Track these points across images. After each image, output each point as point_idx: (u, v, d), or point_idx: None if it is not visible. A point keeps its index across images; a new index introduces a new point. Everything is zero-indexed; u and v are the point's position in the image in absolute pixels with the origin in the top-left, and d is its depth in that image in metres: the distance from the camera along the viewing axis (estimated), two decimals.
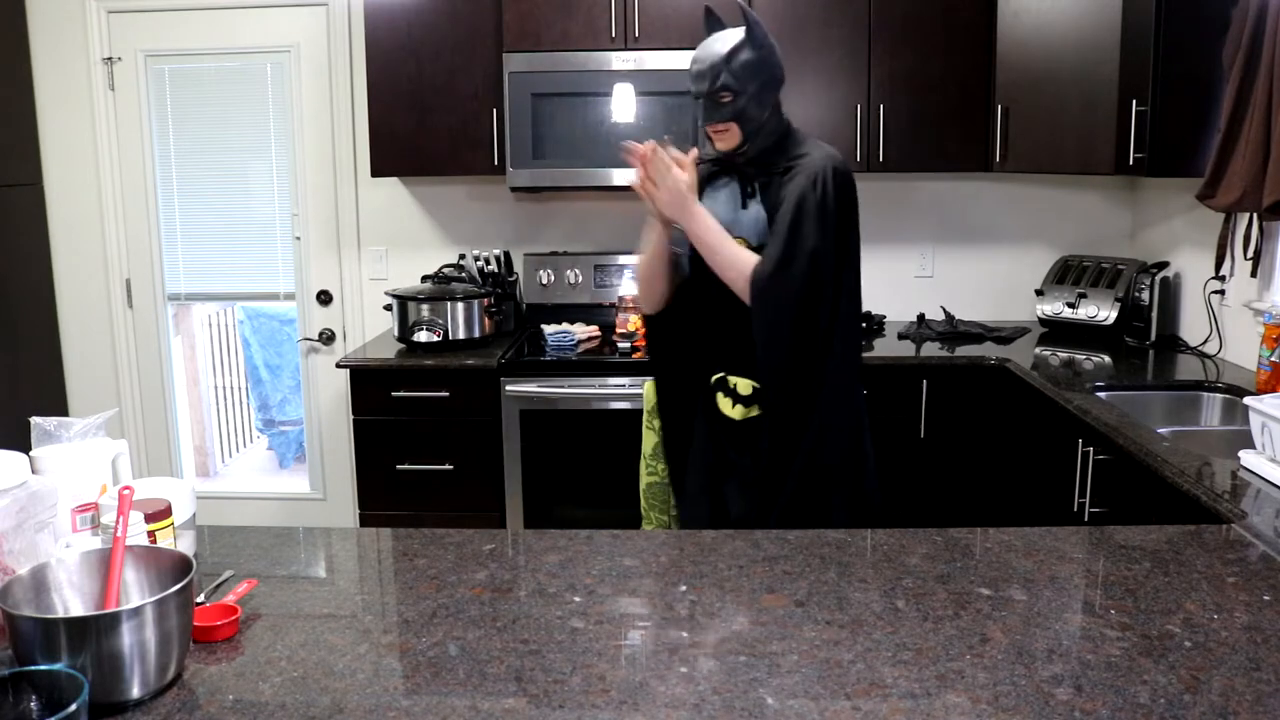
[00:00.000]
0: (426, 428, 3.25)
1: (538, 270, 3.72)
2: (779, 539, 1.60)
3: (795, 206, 1.96)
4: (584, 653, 1.23)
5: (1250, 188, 2.58)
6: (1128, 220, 3.77)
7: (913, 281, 3.85)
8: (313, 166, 3.86)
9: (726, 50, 1.98)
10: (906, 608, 1.34)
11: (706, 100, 1.99)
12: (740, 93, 1.98)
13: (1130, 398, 2.70)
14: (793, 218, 1.96)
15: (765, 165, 2.05)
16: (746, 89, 1.98)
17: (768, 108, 2.03)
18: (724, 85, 1.97)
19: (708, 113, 2.00)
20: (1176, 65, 2.80)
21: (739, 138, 2.02)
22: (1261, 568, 1.46)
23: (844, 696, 1.12)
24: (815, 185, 1.97)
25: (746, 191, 2.07)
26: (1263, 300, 2.83)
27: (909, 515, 3.28)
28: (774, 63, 2.04)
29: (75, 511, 1.39)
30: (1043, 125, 3.23)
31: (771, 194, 2.03)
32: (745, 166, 2.07)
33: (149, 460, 4.10)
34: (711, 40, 2.02)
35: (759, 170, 2.06)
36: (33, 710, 0.99)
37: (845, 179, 2.03)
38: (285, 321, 4.55)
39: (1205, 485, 1.86)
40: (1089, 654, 1.20)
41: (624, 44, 3.31)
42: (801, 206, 1.96)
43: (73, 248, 3.97)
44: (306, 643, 1.26)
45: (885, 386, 3.20)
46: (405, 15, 3.38)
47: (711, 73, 1.97)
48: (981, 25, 3.34)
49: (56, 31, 3.83)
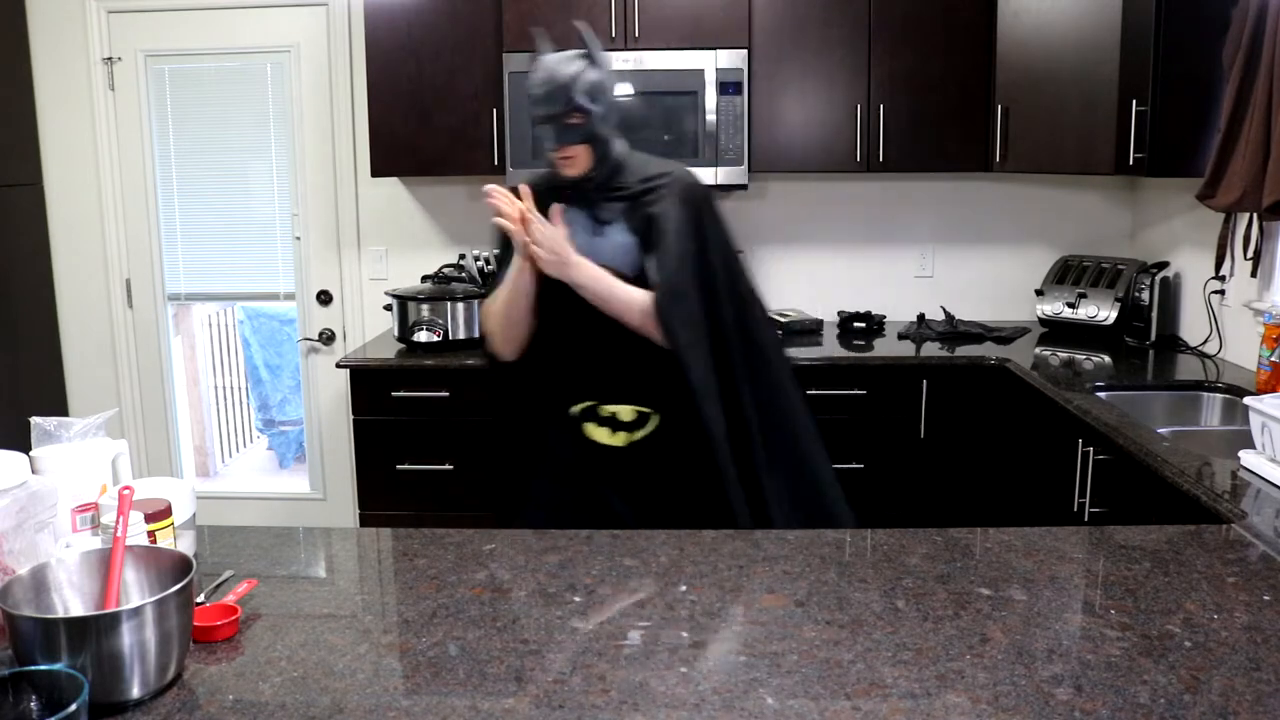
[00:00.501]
0: (426, 428, 3.25)
1: None
2: (779, 539, 1.60)
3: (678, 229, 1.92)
4: (584, 653, 1.23)
5: (1250, 188, 2.58)
6: (1128, 220, 3.77)
7: (913, 281, 3.85)
8: (313, 166, 3.86)
9: (573, 70, 1.88)
10: (906, 608, 1.34)
11: (556, 124, 1.88)
12: (591, 114, 1.89)
13: (1130, 398, 2.70)
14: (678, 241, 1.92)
15: (616, 189, 1.97)
16: (596, 110, 1.90)
17: (614, 129, 1.96)
18: (576, 106, 1.87)
19: (558, 136, 1.89)
20: (1176, 65, 2.80)
21: (589, 161, 1.94)
22: (1261, 568, 1.46)
23: (844, 696, 1.12)
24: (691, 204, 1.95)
25: (600, 218, 1.98)
26: (1263, 300, 2.83)
27: (909, 515, 3.28)
28: (612, 83, 1.97)
29: (75, 511, 1.39)
30: (1043, 125, 3.23)
31: (634, 217, 1.95)
32: (594, 192, 1.97)
33: (149, 460, 4.10)
34: (551, 61, 1.91)
35: (611, 194, 1.97)
36: (33, 710, 0.99)
37: (711, 195, 2.02)
38: (285, 321, 4.55)
39: (1205, 485, 1.86)
40: (1089, 654, 1.20)
41: (624, 44, 3.31)
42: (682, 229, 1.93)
43: (73, 248, 3.97)
44: (306, 643, 1.26)
45: (885, 386, 3.21)
46: (405, 15, 3.38)
47: (562, 94, 1.86)
48: (981, 25, 3.34)
49: (56, 31, 3.83)
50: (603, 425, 2.03)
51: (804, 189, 3.80)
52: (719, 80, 3.29)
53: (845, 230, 3.83)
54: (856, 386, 3.21)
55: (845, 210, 3.81)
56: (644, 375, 2.00)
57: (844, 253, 3.85)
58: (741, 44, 3.30)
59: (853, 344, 3.42)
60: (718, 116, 3.30)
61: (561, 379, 2.08)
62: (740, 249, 2.08)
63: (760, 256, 3.84)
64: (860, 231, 3.83)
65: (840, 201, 3.81)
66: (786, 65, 3.38)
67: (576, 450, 2.07)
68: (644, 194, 1.96)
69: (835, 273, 3.85)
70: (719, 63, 3.29)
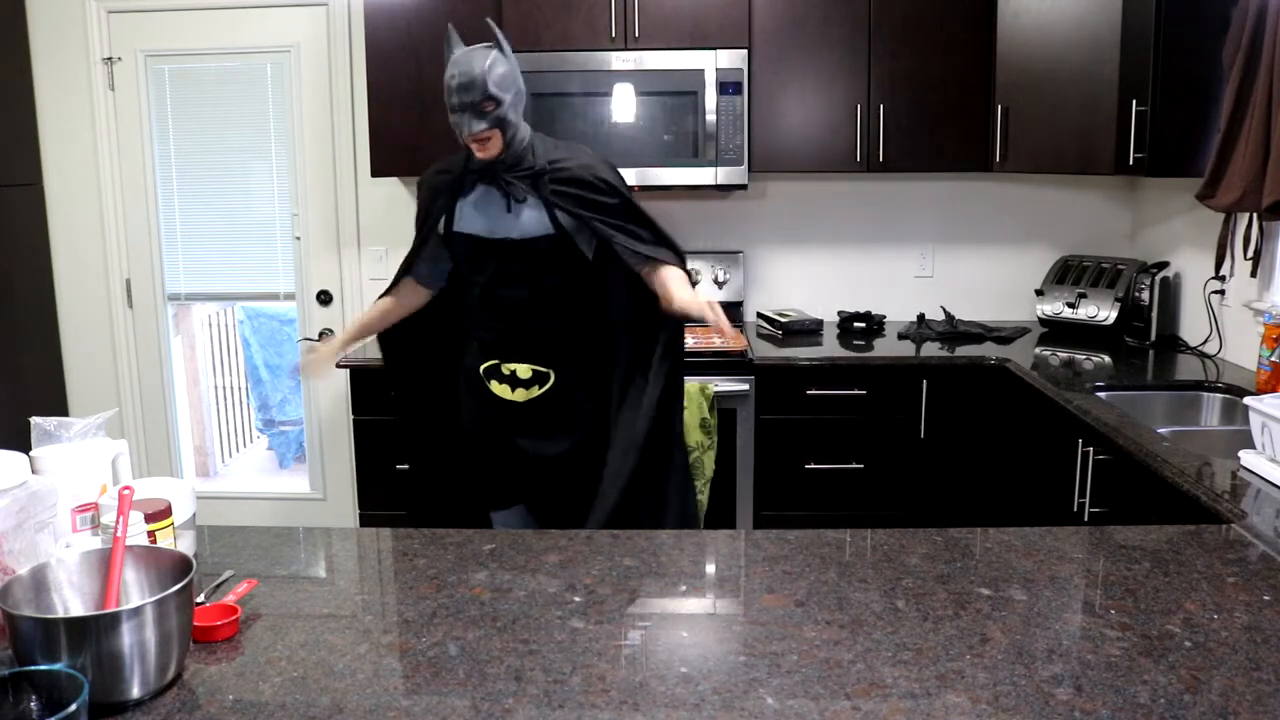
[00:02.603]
0: None
1: None
2: (779, 539, 1.60)
3: (608, 201, 2.21)
4: (584, 653, 1.23)
5: (1250, 188, 2.58)
6: (1128, 220, 3.77)
7: (913, 281, 3.85)
8: (313, 166, 3.86)
9: (486, 63, 2.09)
10: (906, 608, 1.34)
11: (472, 111, 2.09)
12: (501, 101, 2.10)
13: (1130, 398, 2.70)
14: (617, 206, 2.22)
15: (525, 169, 2.20)
16: (506, 97, 2.11)
17: (520, 114, 2.18)
18: (488, 94, 2.08)
19: (472, 122, 2.10)
20: (1176, 65, 2.80)
21: (500, 144, 2.15)
22: (1261, 568, 1.46)
23: (844, 696, 1.12)
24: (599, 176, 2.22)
25: (513, 197, 2.20)
26: (1263, 300, 2.83)
27: (909, 515, 3.28)
28: (519, 74, 2.19)
29: (75, 511, 1.39)
30: (1043, 125, 3.23)
31: (543, 191, 2.19)
32: (504, 173, 2.19)
33: (149, 460, 4.10)
34: (465, 55, 2.12)
35: (519, 174, 2.20)
36: (33, 710, 0.99)
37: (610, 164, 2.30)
38: (285, 321, 4.55)
39: (1205, 485, 1.86)
40: (1089, 654, 1.20)
41: (624, 44, 3.31)
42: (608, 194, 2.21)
43: (73, 248, 3.97)
44: (306, 643, 1.26)
45: (885, 386, 3.21)
46: (405, 15, 3.38)
47: (479, 83, 2.08)
48: (981, 25, 3.34)
49: (56, 31, 3.83)
50: (503, 382, 2.31)
51: (804, 189, 3.80)
52: (719, 80, 3.29)
53: (845, 230, 3.83)
54: (856, 386, 3.21)
55: (845, 210, 3.81)
56: (540, 340, 2.28)
57: (844, 253, 3.85)
58: (741, 44, 3.30)
59: (853, 344, 3.42)
60: (718, 116, 3.30)
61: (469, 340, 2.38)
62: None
63: (760, 256, 3.84)
64: (860, 231, 3.83)
65: (840, 201, 3.81)
66: (786, 65, 3.38)
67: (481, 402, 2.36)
68: (549, 173, 2.20)
69: (835, 273, 3.85)
70: (719, 63, 3.29)
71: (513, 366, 2.30)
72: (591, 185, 2.20)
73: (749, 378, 3.18)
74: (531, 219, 2.21)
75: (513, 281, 2.24)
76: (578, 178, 2.20)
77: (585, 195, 2.20)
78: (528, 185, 2.20)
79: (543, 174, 2.19)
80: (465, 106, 2.09)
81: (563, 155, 2.23)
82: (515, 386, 2.31)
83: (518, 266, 2.23)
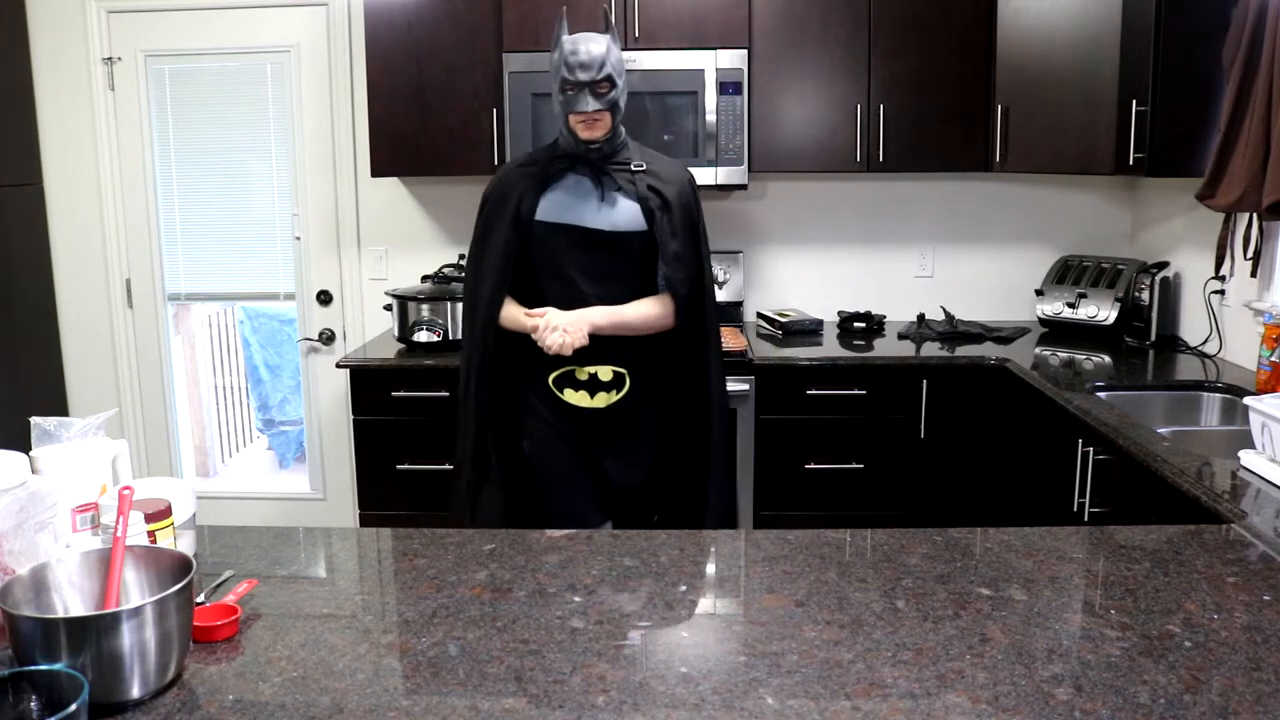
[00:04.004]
0: (426, 428, 3.25)
1: None
2: (779, 539, 1.60)
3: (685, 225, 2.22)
4: (584, 653, 1.23)
5: (1250, 188, 2.58)
6: (1128, 220, 3.77)
7: (913, 281, 3.85)
8: (313, 166, 3.86)
9: (604, 47, 2.13)
10: (906, 608, 1.34)
11: (590, 88, 2.11)
12: (617, 84, 2.14)
13: (1130, 398, 2.70)
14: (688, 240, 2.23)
15: (618, 160, 2.22)
16: (620, 82, 2.15)
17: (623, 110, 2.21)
18: (606, 76, 2.12)
19: (587, 100, 2.11)
20: (1176, 65, 2.80)
21: (608, 126, 2.16)
22: (1261, 568, 1.46)
23: (844, 696, 1.12)
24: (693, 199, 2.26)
25: (604, 183, 2.21)
26: (1263, 300, 2.83)
27: (909, 515, 3.28)
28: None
29: (75, 511, 1.39)
30: (1043, 125, 3.23)
31: (638, 188, 2.20)
32: (599, 160, 2.20)
33: (149, 460, 4.10)
34: (582, 38, 2.14)
35: (613, 163, 2.21)
36: (33, 710, 0.99)
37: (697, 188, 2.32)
38: (285, 321, 4.54)
39: (1205, 485, 1.86)
40: (1089, 654, 1.20)
41: (624, 44, 3.30)
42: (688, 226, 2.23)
43: (73, 248, 3.97)
44: (306, 643, 1.26)
45: (885, 386, 3.21)
46: (405, 15, 3.38)
47: (597, 63, 2.11)
48: (981, 25, 3.34)
49: (56, 31, 3.83)
50: (580, 389, 2.23)
51: (804, 189, 3.80)
52: (719, 80, 3.29)
53: (845, 230, 3.83)
54: (856, 386, 3.21)
55: (845, 210, 3.81)
56: (623, 339, 2.22)
57: (844, 253, 3.85)
58: (741, 44, 3.30)
59: (853, 344, 3.42)
60: (718, 116, 3.30)
61: (525, 353, 2.27)
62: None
63: (760, 256, 3.84)
64: (860, 231, 3.83)
65: (840, 201, 3.81)
66: (786, 65, 3.38)
67: (557, 413, 2.26)
68: (645, 171, 2.22)
69: (835, 273, 3.85)
70: (719, 63, 3.29)
71: (592, 369, 2.22)
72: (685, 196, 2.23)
73: (749, 378, 3.18)
74: (625, 212, 2.20)
75: (602, 277, 2.20)
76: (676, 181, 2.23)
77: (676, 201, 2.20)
78: (623, 178, 2.20)
79: (640, 170, 2.21)
80: (583, 85, 2.10)
81: (659, 159, 2.27)
82: (595, 391, 2.23)
83: (608, 261, 2.20)
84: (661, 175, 2.23)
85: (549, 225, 2.19)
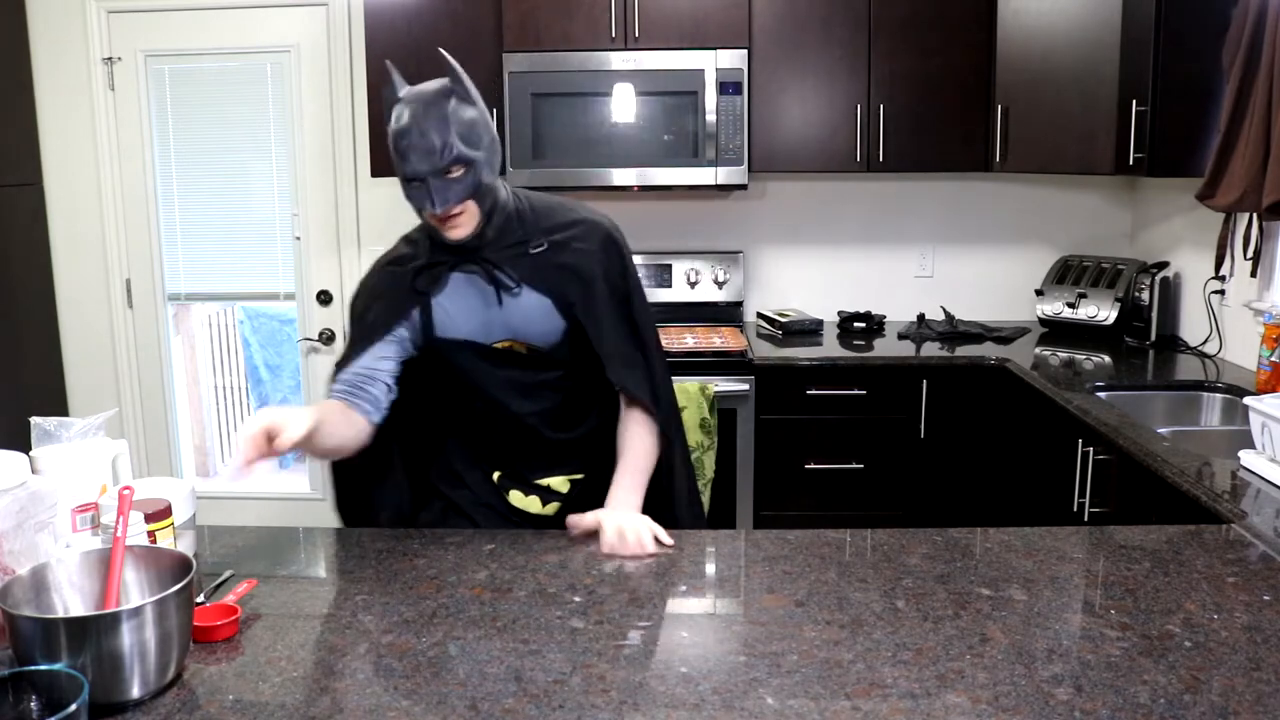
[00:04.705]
0: None
1: None
2: (779, 539, 1.60)
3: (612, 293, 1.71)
4: (584, 653, 1.23)
5: (1250, 188, 2.58)
6: (1128, 220, 3.77)
7: (913, 281, 3.85)
8: (313, 166, 3.85)
9: (444, 112, 1.56)
10: (906, 608, 1.34)
11: (435, 180, 1.55)
12: (474, 161, 1.57)
13: (1130, 398, 2.70)
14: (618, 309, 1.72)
15: (516, 244, 1.67)
16: (478, 155, 1.57)
17: (497, 171, 1.64)
18: (456, 157, 1.55)
19: (439, 195, 1.56)
20: (1176, 65, 2.80)
21: (477, 219, 1.61)
22: (1261, 568, 1.46)
23: (844, 696, 1.12)
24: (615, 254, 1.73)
25: (503, 283, 1.66)
26: (1263, 300, 2.83)
27: (909, 515, 3.28)
28: (488, 117, 1.64)
29: (75, 511, 1.39)
30: (1043, 125, 3.23)
31: (544, 275, 1.68)
32: (490, 253, 1.66)
33: (149, 460, 4.10)
34: (415, 103, 1.57)
35: (506, 251, 1.67)
36: (33, 710, 0.99)
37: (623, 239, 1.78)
38: (285, 321, 4.54)
39: (1205, 485, 1.86)
40: (1089, 654, 1.20)
41: (624, 44, 3.31)
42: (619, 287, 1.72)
43: (73, 248, 3.97)
44: (306, 643, 1.26)
45: (885, 386, 3.21)
46: (405, 15, 3.38)
47: (440, 143, 1.54)
48: (981, 25, 3.34)
49: (56, 31, 3.83)
50: (530, 494, 1.80)
51: (804, 189, 3.80)
52: (719, 80, 3.29)
53: (845, 230, 3.83)
54: (856, 386, 3.21)
55: (845, 210, 3.81)
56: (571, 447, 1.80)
57: (844, 253, 3.85)
58: (741, 44, 3.30)
59: (853, 344, 3.42)
60: (718, 116, 3.30)
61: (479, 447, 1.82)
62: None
63: (760, 256, 3.84)
64: (860, 231, 3.83)
65: (840, 201, 3.81)
66: (786, 65, 3.38)
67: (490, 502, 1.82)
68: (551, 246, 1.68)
69: (835, 273, 3.85)
70: (719, 63, 3.29)
71: (546, 481, 1.80)
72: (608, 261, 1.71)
73: (749, 378, 3.18)
74: (534, 311, 1.68)
75: (530, 391, 1.73)
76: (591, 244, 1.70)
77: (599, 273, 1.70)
78: (523, 267, 1.67)
79: (541, 249, 1.68)
80: (429, 175, 1.55)
81: (568, 215, 1.72)
82: (548, 500, 1.80)
83: (533, 373, 1.73)
84: (574, 244, 1.69)
85: (452, 342, 1.71)
